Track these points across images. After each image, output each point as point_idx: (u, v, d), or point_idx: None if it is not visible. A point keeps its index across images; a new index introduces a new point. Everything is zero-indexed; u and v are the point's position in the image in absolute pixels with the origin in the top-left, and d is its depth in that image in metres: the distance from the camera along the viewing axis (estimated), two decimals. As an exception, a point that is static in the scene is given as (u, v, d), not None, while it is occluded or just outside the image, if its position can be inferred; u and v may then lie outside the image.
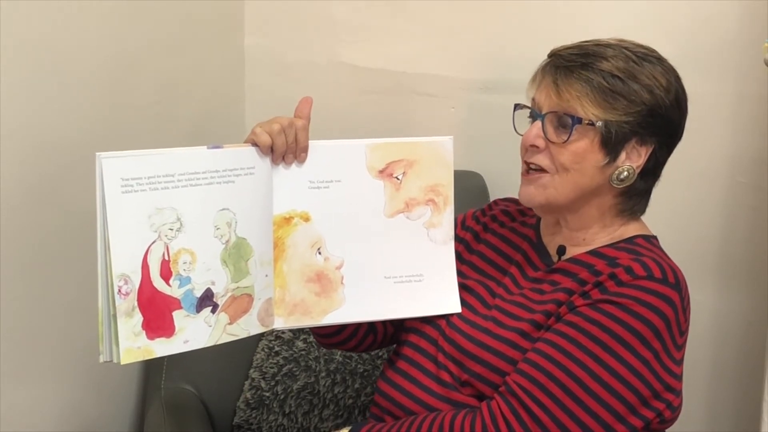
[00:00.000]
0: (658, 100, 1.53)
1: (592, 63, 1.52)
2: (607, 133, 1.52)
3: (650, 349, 1.47)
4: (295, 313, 1.60)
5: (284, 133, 1.53)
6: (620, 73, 1.52)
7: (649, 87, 1.52)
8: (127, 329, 1.42)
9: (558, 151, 1.54)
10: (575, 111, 1.52)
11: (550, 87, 1.55)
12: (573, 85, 1.52)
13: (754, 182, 2.13)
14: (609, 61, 1.52)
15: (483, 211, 1.78)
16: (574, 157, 1.54)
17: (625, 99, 1.51)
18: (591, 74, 1.52)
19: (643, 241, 1.60)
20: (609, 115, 1.51)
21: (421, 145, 1.63)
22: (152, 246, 1.44)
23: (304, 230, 1.59)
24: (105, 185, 1.40)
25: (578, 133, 1.52)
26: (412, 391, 1.61)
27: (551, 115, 1.54)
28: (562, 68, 1.54)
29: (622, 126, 1.52)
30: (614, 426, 1.46)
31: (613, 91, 1.51)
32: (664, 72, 1.55)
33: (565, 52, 1.56)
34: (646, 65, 1.53)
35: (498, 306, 1.62)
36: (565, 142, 1.52)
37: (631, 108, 1.52)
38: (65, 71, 1.84)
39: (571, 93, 1.52)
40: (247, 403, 2.08)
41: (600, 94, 1.51)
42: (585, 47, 1.55)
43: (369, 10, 2.36)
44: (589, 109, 1.51)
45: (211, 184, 1.48)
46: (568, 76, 1.53)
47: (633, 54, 1.54)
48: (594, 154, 1.54)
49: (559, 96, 1.53)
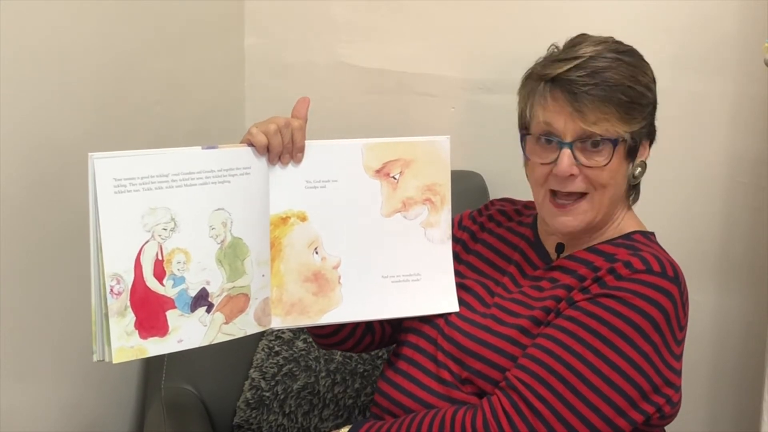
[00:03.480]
0: (654, 92, 1.57)
1: (603, 81, 1.51)
2: (633, 143, 1.55)
3: (650, 343, 1.47)
4: (293, 313, 1.61)
5: (280, 134, 1.54)
6: (629, 82, 1.53)
7: (647, 84, 1.56)
8: (120, 329, 1.43)
9: (596, 174, 1.54)
10: (606, 132, 1.52)
11: (571, 114, 1.51)
12: (595, 107, 1.51)
13: (754, 182, 2.13)
14: (613, 72, 1.52)
15: (479, 212, 1.79)
16: (613, 174, 1.55)
17: (639, 105, 1.54)
18: (609, 92, 1.51)
19: (641, 237, 1.60)
20: (633, 127, 1.53)
21: (417, 144, 1.64)
22: (145, 246, 1.44)
23: (300, 230, 1.59)
24: (97, 185, 1.41)
25: (618, 149, 1.53)
26: (413, 390, 1.62)
27: (580, 141, 1.52)
28: (581, 94, 1.51)
29: (641, 132, 1.55)
30: (615, 420, 1.46)
31: (630, 103, 1.52)
32: (645, 63, 1.58)
33: (566, 75, 1.52)
34: (636, 63, 1.56)
35: (497, 304, 1.62)
36: (606, 164, 1.53)
37: (644, 111, 1.55)
38: (65, 71, 1.84)
39: (598, 116, 1.51)
40: (247, 403, 2.08)
41: (623, 109, 1.52)
42: (585, 65, 1.52)
43: (369, 10, 2.35)
44: (618, 126, 1.52)
45: (206, 184, 1.49)
46: (591, 100, 1.50)
47: (622, 53, 1.55)
48: (623, 165, 1.56)
49: (584, 120, 1.51)
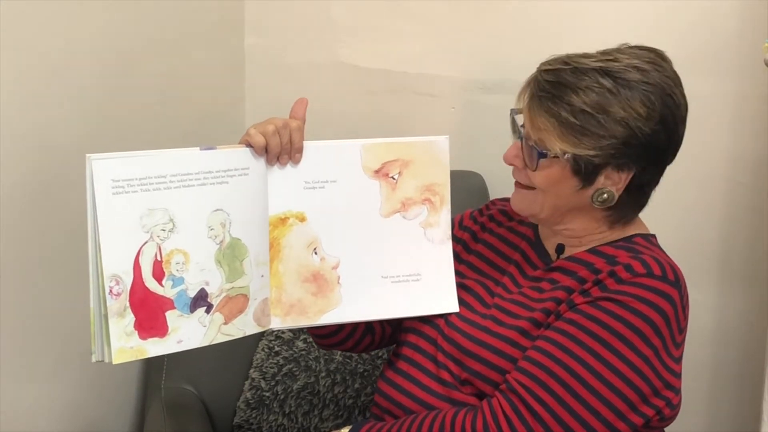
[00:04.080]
0: (634, 130, 1.49)
1: (562, 96, 1.49)
2: (576, 165, 1.51)
3: (650, 346, 1.47)
4: (292, 314, 1.60)
5: (279, 134, 1.53)
6: (590, 108, 1.48)
7: (623, 119, 1.48)
8: (119, 329, 1.43)
9: (532, 174, 1.54)
10: (543, 143, 1.51)
11: (526, 113, 1.54)
12: (542, 118, 1.51)
13: (754, 183, 2.13)
14: (580, 94, 1.48)
15: (480, 211, 1.79)
16: (548, 182, 1.54)
17: (593, 135, 1.49)
18: (559, 109, 1.49)
19: (642, 239, 1.60)
20: (577, 150, 1.50)
21: (416, 144, 1.63)
22: (144, 247, 1.44)
23: (299, 230, 1.59)
24: (95, 187, 1.41)
25: (547, 162, 1.52)
26: (412, 390, 1.62)
27: (525, 141, 1.54)
28: (536, 97, 1.52)
29: (591, 159, 1.50)
30: (615, 423, 1.46)
31: (581, 127, 1.49)
32: (645, 98, 1.49)
33: (543, 77, 1.52)
34: (623, 93, 1.48)
35: (497, 305, 1.62)
36: (534, 170, 1.53)
37: (600, 142, 1.49)
38: (65, 71, 1.84)
39: (540, 125, 1.51)
40: (247, 403, 2.08)
41: (567, 130, 1.49)
42: (561, 75, 1.51)
43: (369, 10, 2.36)
44: (556, 143, 1.50)
45: (204, 185, 1.49)
46: (539, 107, 1.51)
47: (613, 80, 1.49)
48: (567, 180, 1.53)
49: (531, 125, 1.53)
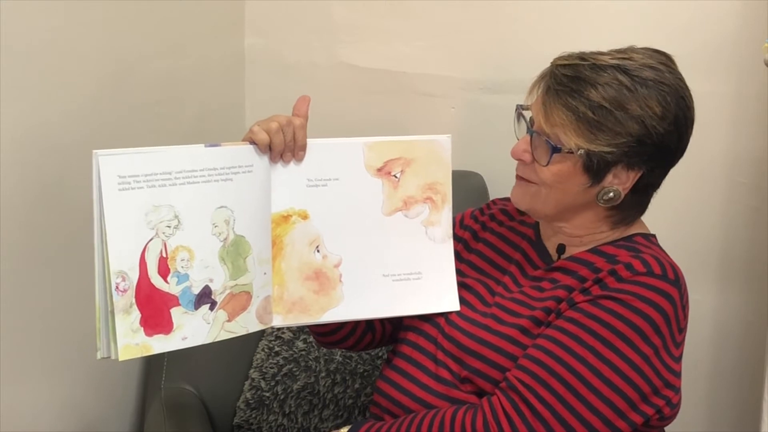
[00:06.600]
0: (649, 129, 1.49)
1: (581, 90, 1.49)
2: (589, 161, 1.51)
3: (650, 345, 1.47)
4: (294, 311, 1.60)
5: (282, 132, 1.53)
6: (608, 104, 1.48)
7: (639, 117, 1.49)
8: (125, 326, 1.43)
9: (541, 170, 1.54)
10: (558, 137, 1.51)
11: (540, 107, 1.53)
12: (558, 112, 1.50)
13: (754, 182, 2.13)
14: (599, 89, 1.49)
15: (481, 210, 1.79)
16: (557, 178, 1.54)
17: (609, 131, 1.49)
18: (577, 103, 1.49)
19: (642, 239, 1.60)
20: (591, 145, 1.50)
21: (418, 143, 1.63)
22: (150, 243, 1.44)
23: (302, 228, 1.59)
24: (102, 183, 1.40)
25: (560, 157, 1.52)
26: (411, 389, 1.62)
27: (537, 136, 1.54)
28: (553, 91, 1.51)
29: (604, 155, 1.50)
30: (615, 422, 1.46)
31: (598, 122, 1.49)
32: (661, 98, 1.50)
33: (560, 71, 1.52)
34: (641, 91, 1.49)
35: (498, 303, 1.62)
36: (546, 165, 1.53)
37: (616, 139, 1.49)
38: (65, 71, 1.84)
39: (556, 120, 1.51)
40: (247, 403, 2.08)
41: (584, 125, 1.49)
42: (580, 69, 1.51)
43: (369, 10, 2.36)
44: (571, 138, 1.50)
45: (209, 182, 1.49)
46: (556, 101, 1.51)
47: (630, 77, 1.49)
48: (577, 177, 1.53)
49: (546, 119, 1.52)
